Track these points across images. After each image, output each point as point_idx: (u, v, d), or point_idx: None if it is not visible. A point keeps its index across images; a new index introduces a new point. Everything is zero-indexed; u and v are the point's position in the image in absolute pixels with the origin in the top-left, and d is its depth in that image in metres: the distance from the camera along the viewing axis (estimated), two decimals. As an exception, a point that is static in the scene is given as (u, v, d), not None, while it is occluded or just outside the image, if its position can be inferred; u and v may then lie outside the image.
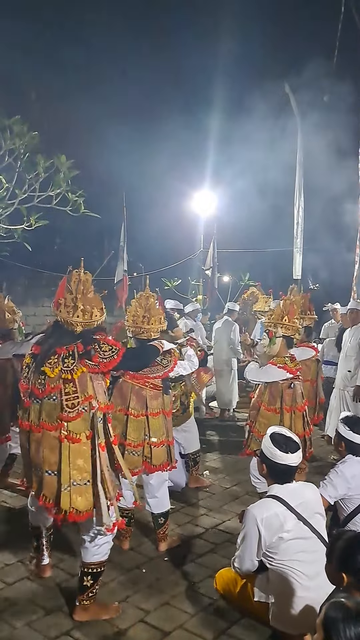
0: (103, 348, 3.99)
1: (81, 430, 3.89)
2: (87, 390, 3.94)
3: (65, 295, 4.13)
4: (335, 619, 2.08)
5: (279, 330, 5.71)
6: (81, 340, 4.02)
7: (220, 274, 16.48)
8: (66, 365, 3.93)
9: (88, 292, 4.16)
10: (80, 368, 3.93)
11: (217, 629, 3.95)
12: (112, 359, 3.99)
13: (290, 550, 3.35)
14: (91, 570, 4.04)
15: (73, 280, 4.16)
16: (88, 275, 4.22)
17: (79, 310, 4.04)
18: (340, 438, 4.55)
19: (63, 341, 4.03)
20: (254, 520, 3.37)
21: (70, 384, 3.91)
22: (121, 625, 3.96)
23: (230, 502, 6.40)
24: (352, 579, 2.60)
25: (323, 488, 4.24)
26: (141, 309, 5.11)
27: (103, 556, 4.08)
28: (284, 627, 3.40)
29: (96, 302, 4.16)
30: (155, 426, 4.96)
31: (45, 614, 4.06)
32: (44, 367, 3.95)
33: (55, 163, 8.28)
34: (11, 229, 8.60)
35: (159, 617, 4.08)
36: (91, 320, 4.07)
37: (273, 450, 3.55)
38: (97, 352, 3.97)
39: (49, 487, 3.89)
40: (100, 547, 4.04)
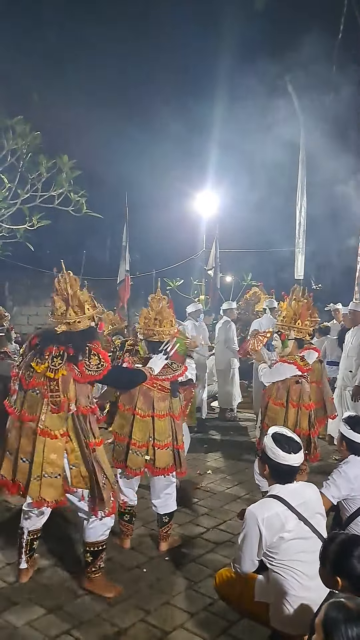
0: (92, 359, 4.15)
1: (56, 427, 4.09)
2: (68, 391, 4.11)
3: (53, 297, 4.35)
4: (336, 619, 2.07)
5: (291, 333, 5.85)
6: (69, 343, 4.17)
7: (222, 274, 16.48)
8: (53, 363, 4.09)
9: (70, 292, 4.28)
10: (63, 370, 4.08)
11: (217, 628, 3.96)
12: (95, 373, 4.15)
13: (291, 550, 3.34)
14: (88, 549, 4.35)
15: (56, 281, 4.36)
16: (71, 277, 4.36)
17: (59, 310, 4.27)
18: (342, 438, 4.56)
19: (52, 341, 4.20)
20: (255, 520, 3.37)
21: (53, 383, 4.09)
22: (121, 624, 3.97)
23: (231, 502, 6.41)
24: (347, 582, 2.58)
25: (326, 488, 4.26)
26: (152, 312, 5.13)
27: (99, 537, 4.33)
28: (283, 628, 3.40)
29: (77, 303, 4.27)
30: (160, 428, 4.96)
31: (45, 613, 4.07)
32: (32, 361, 4.15)
33: (57, 163, 8.31)
34: (13, 228, 8.63)
35: (159, 617, 4.09)
36: (67, 319, 4.21)
37: (275, 451, 3.54)
38: (83, 360, 4.13)
39: (22, 474, 4.14)
40: (94, 529, 4.31)
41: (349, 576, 2.58)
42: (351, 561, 2.59)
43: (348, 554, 2.62)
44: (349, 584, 2.57)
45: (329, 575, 2.69)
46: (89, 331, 4.31)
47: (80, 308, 4.26)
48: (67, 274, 4.35)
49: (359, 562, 2.57)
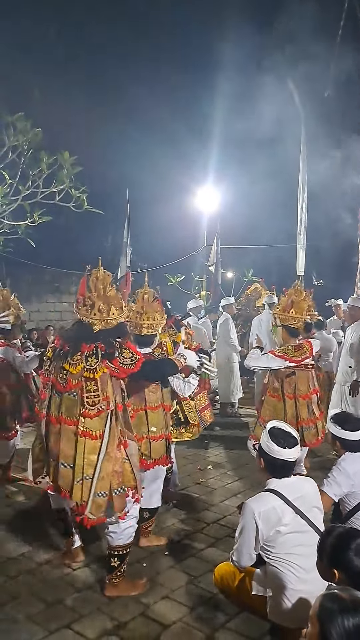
0: (124, 354, 4.13)
1: (97, 428, 4.03)
2: (106, 389, 4.08)
3: (84, 293, 4.27)
4: (331, 611, 2.08)
5: (277, 320, 6.18)
6: (102, 340, 4.14)
7: (223, 270, 16.49)
8: (89, 363, 4.06)
9: (107, 290, 4.26)
10: (102, 368, 4.06)
11: (216, 622, 3.98)
12: (130, 366, 4.13)
13: (288, 543, 3.37)
14: (117, 553, 4.29)
15: (91, 279, 4.29)
16: (106, 274, 4.33)
17: (96, 308, 4.17)
18: (334, 437, 4.56)
19: (85, 339, 4.15)
20: (252, 513, 3.39)
21: (91, 382, 4.04)
22: (121, 618, 4.00)
23: (231, 497, 6.42)
24: (344, 575, 2.59)
25: (327, 486, 4.26)
26: (139, 306, 5.17)
27: (127, 539, 4.30)
28: (281, 621, 3.43)
29: (115, 301, 4.25)
30: (154, 420, 5.02)
31: (46, 607, 4.10)
32: (65, 363, 4.10)
33: (58, 159, 8.31)
34: (15, 225, 8.64)
35: (158, 611, 4.12)
36: (108, 317, 4.17)
37: (270, 445, 3.57)
38: (118, 356, 4.11)
39: (64, 479, 4.05)
40: (123, 532, 4.25)
41: (345, 569, 2.59)
42: (348, 554, 2.59)
43: (345, 547, 2.62)
44: (346, 577, 2.58)
45: (326, 568, 2.70)
46: (121, 327, 4.31)
47: (119, 306, 4.27)
48: (101, 271, 4.33)
49: (355, 555, 2.58)
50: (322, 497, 4.01)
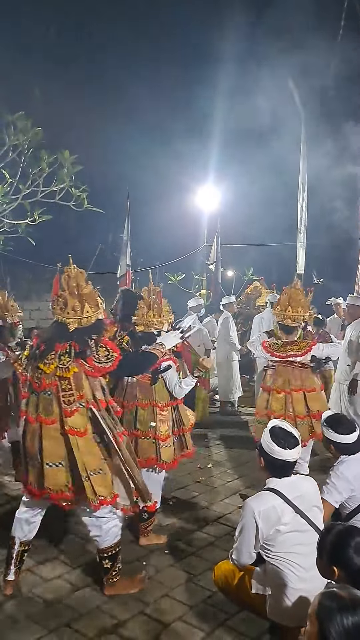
0: (100, 352, 4.08)
1: (81, 425, 3.98)
2: (82, 387, 4.02)
3: (58, 292, 4.22)
4: (330, 609, 2.08)
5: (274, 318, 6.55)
6: (77, 339, 4.08)
7: (223, 268, 16.48)
8: (62, 362, 4.01)
9: (81, 288, 4.19)
10: (73, 367, 4.00)
11: (215, 621, 3.99)
12: (106, 365, 4.09)
13: (287, 542, 3.37)
14: (107, 554, 4.22)
15: (64, 277, 4.22)
16: (78, 271, 4.25)
17: (70, 307, 4.12)
18: (328, 441, 4.51)
19: (59, 338, 4.10)
20: (252, 512, 3.40)
21: (65, 381, 3.99)
22: (120, 617, 4.01)
23: (231, 495, 6.43)
24: (343, 572, 2.60)
25: (328, 494, 4.21)
26: (146, 303, 5.30)
27: (114, 539, 4.22)
28: (281, 619, 3.44)
29: (90, 298, 4.19)
30: (142, 417, 5.11)
31: (45, 606, 4.11)
32: (40, 362, 4.05)
33: (58, 158, 8.30)
34: (15, 223, 8.63)
35: (158, 609, 4.13)
36: (82, 316, 4.10)
37: (271, 445, 3.56)
38: (92, 355, 4.05)
39: (53, 479, 3.98)
40: (108, 533, 4.18)
41: (345, 566, 2.60)
42: (348, 551, 2.60)
43: (345, 544, 2.63)
44: (345, 574, 2.59)
45: (325, 565, 2.71)
46: (97, 324, 4.22)
47: (94, 303, 4.20)
48: (74, 269, 4.25)
49: (355, 553, 2.59)
50: (323, 505, 4.01)
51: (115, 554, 4.25)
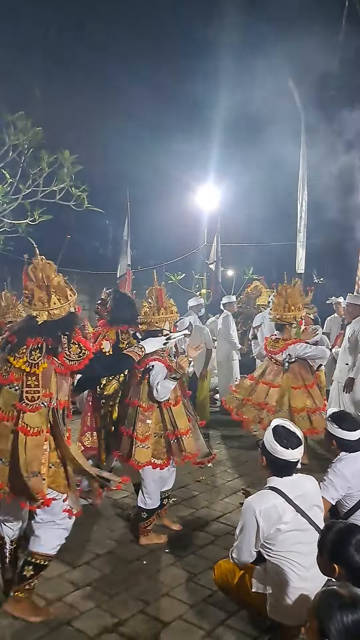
0: (72, 349, 3.92)
1: (37, 425, 3.81)
2: (49, 385, 3.87)
3: (26, 285, 4.08)
4: (330, 607, 2.10)
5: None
6: (48, 333, 3.93)
7: (224, 268, 16.48)
8: (32, 357, 3.86)
9: (49, 279, 4.01)
10: (44, 363, 3.85)
11: (215, 620, 4.00)
12: (76, 363, 3.92)
13: (288, 541, 3.38)
14: (34, 561, 3.92)
15: (30, 269, 4.07)
16: (46, 262, 4.08)
17: (36, 298, 3.98)
18: (331, 437, 4.51)
19: (30, 332, 3.95)
20: (253, 511, 3.40)
21: (32, 377, 3.85)
22: (121, 615, 4.01)
23: (232, 494, 6.43)
24: (344, 570, 2.60)
25: (325, 490, 4.19)
26: (151, 302, 5.39)
27: (50, 550, 3.96)
28: (281, 618, 3.44)
29: (58, 290, 4.02)
30: (130, 415, 5.22)
31: (46, 605, 4.11)
32: (10, 356, 3.90)
33: (58, 158, 8.31)
34: (15, 223, 8.64)
35: (158, 608, 4.13)
36: (50, 307, 3.95)
37: (274, 445, 3.54)
38: (64, 351, 3.90)
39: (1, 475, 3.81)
40: (48, 539, 3.94)
41: (346, 564, 2.61)
42: (348, 549, 2.61)
43: (345, 542, 2.64)
44: (346, 572, 2.60)
45: (326, 562, 2.71)
46: (69, 318, 4.05)
47: (62, 295, 4.02)
48: (42, 260, 4.08)
49: (355, 550, 2.60)
50: None
51: (41, 565, 3.95)
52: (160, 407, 5.16)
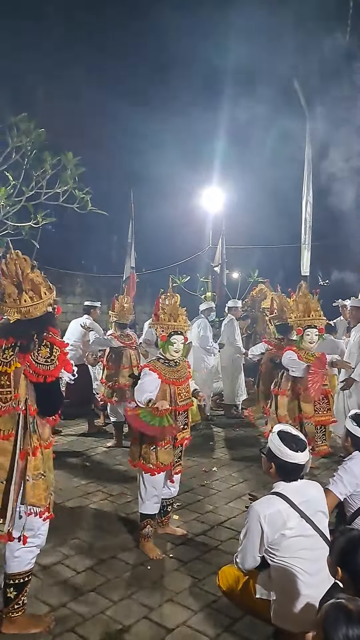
0: (42, 351, 3.67)
1: (7, 428, 3.69)
2: (19, 386, 3.69)
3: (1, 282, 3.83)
4: (337, 619, 2.09)
5: None
6: (21, 333, 3.71)
7: (229, 270, 16.46)
8: (4, 356, 3.70)
9: (23, 275, 3.77)
10: (16, 362, 3.66)
11: (220, 626, 3.96)
12: (45, 366, 3.65)
13: (292, 547, 3.34)
14: (13, 582, 3.78)
15: (3, 264, 3.86)
16: (21, 258, 3.83)
17: (6, 294, 3.75)
18: (347, 434, 4.53)
19: (3, 332, 3.77)
20: (257, 516, 3.37)
21: (4, 377, 3.69)
22: (125, 622, 3.97)
23: (236, 499, 6.40)
24: (346, 575, 2.64)
25: (333, 485, 4.24)
26: (167, 309, 5.42)
27: (25, 565, 3.80)
28: (285, 625, 3.39)
29: (32, 287, 3.77)
30: None
31: (49, 611, 4.07)
32: None
33: (62, 160, 8.27)
34: (18, 226, 8.62)
35: (162, 614, 4.10)
36: (20, 305, 3.69)
37: (282, 449, 3.51)
38: (32, 351, 3.67)
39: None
40: (20, 557, 3.78)
41: (349, 570, 2.65)
42: (355, 557, 2.64)
43: (354, 550, 2.67)
44: (349, 577, 2.65)
45: (333, 564, 2.75)
46: (45, 318, 3.79)
47: (36, 292, 3.75)
48: (16, 255, 3.84)
49: None
50: (328, 496, 4.00)
51: (21, 583, 3.79)
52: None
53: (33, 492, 3.68)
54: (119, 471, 7.31)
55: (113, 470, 7.35)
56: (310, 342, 6.61)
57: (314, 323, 6.59)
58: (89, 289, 17.22)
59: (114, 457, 7.90)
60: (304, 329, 6.65)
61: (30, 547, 3.79)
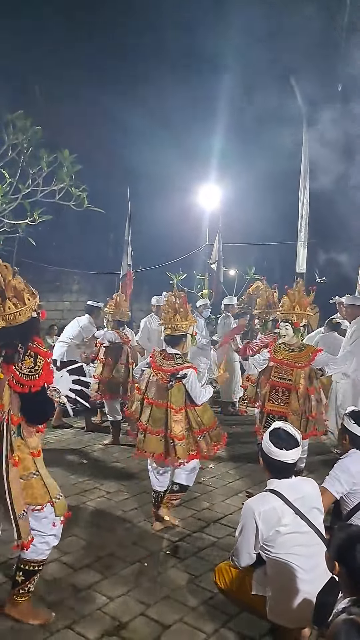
0: (25, 361, 3.63)
1: None
2: (2, 396, 3.66)
3: None
4: (348, 636, 2.12)
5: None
6: (6, 341, 3.67)
7: (225, 267, 16.46)
8: None
9: (4, 283, 3.69)
10: (1, 372, 3.63)
11: (216, 622, 3.97)
12: (27, 378, 3.61)
13: (287, 543, 3.36)
14: (24, 567, 3.87)
15: None
16: (2, 265, 3.77)
17: None
18: (345, 431, 4.53)
19: None
20: (252, 513, 3.38)
21: None
22: (122, 618, 3.99)
23: (233, 496, 6.41)
24: (343, 570, 2.68)
25: (330, 484, 4.23)
26: (172, 308, 5.61)
27: (38, 555, 3.86)
28: (281, 621, 3.41)
29: (15, 294, 3.70)
30: (154, 415, 5.46)
31: (47, 607, 4.08)
32: None
33: (58, 157, 8.27)
34: (15, 223, 8.61)
35: (159, 611, 4.11)
36: (4, 312, 3.62)
37: (269, 446, 3.55)
38: (16, 362, 3.63)
39: None
40: (37, 545, 3.83)
41: (347, 565, 2.69)
42: (353, 552, 2.67)
43: (352, 546, 2.70)
44: (345, 572, 2.69)
45: (330, 558, 2.81)
46: (30, 324, 3.73)
47: (20, 299, 3.67)
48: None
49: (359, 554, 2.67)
50: (324, 494, 4.02)
51: (32, 571, 3.88)
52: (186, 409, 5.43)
53: (26, 492, 3.72)
54: (116, 468, 7.32)
55: (110, 468, 7.36)
56: (283, 336, 6.57)
57: (287, 317, 6.54)
58: (85, 286, 17.23)
59: (111, 454, 7.91)
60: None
61: (46, 539, 3.87)
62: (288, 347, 6.52)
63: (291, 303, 6.51)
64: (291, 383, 6.35)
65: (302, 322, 6.50)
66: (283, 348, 6.53)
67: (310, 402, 6.37)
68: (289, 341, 6.53)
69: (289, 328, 6.48)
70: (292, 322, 6.47)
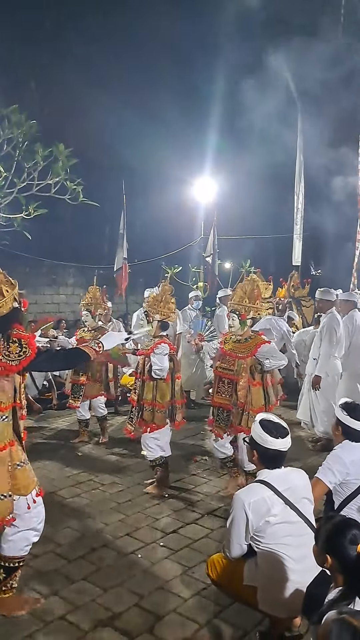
0: (11, 347, 3.64)
1: None
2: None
3: None
4: (340, 635, 2.14)
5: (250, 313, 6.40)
6: None
7: (220, 260, 16.44)
8: None
9: None
10: None
11: (210, 613, 4.02)
12: (15, 363, 3.64)
13: (277, 534, 3.39)
14: (4, 563, 3.89)
15: None
16: None
17: None
18: (338, 422, 4.55)
19: None
20: (242, 504, 3.42)
21: None
22: (115, 609, 4.03)
23: (226, 488, 6.45)
24: (335, 561, 2.67)
25: (323, 474, 4.26)
26: (159, 295, 6.34)
27: (18, 552, 3.88)
28: (272, 611, 3.46)
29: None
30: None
31: (41, 598, 4.12)
32: None
33: (53, 152, 8.30)
34: (10, 217, 8.64)
35: (153, 602, 4.15)
36: None
37: (264, 436, 3.58)
38: (2, 350, 3.63)
39: None
40: (14, 542, 3.86)
41: (338, 556, 2.67)
42: (342, 542, 2.67)
43: (341, 534, 2.70)
44: (337, 564, 2.67)
45: (320, 552, 2.77)
46: (11, 315, 3.75)
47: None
48: None
49: (350, 543, 2.65)
50: (317, 485, 4.07)
51: (13, 567, 3.91)
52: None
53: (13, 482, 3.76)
54: (110, 461, 7.36)
55: (104, 460, 7.39)
56: (231, 326, 6.49)
57: (235, 308, 6.43)
58: (81, 279, 17.22)
59: (105, 446, 7.94)
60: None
61: (26, 534, 3.88)
62: (236, 338, 6.35)
63: (241, 295, 6.32)
64: (233, 374, 6.12)
65: (249, 315, 6.23)
66: (232, 339, 6.38)
67: (251, 396, 6.15)
68: (236, 332, 6.32)
69: (236, 319, 6.22)
70: (239, 314, 6.24)
